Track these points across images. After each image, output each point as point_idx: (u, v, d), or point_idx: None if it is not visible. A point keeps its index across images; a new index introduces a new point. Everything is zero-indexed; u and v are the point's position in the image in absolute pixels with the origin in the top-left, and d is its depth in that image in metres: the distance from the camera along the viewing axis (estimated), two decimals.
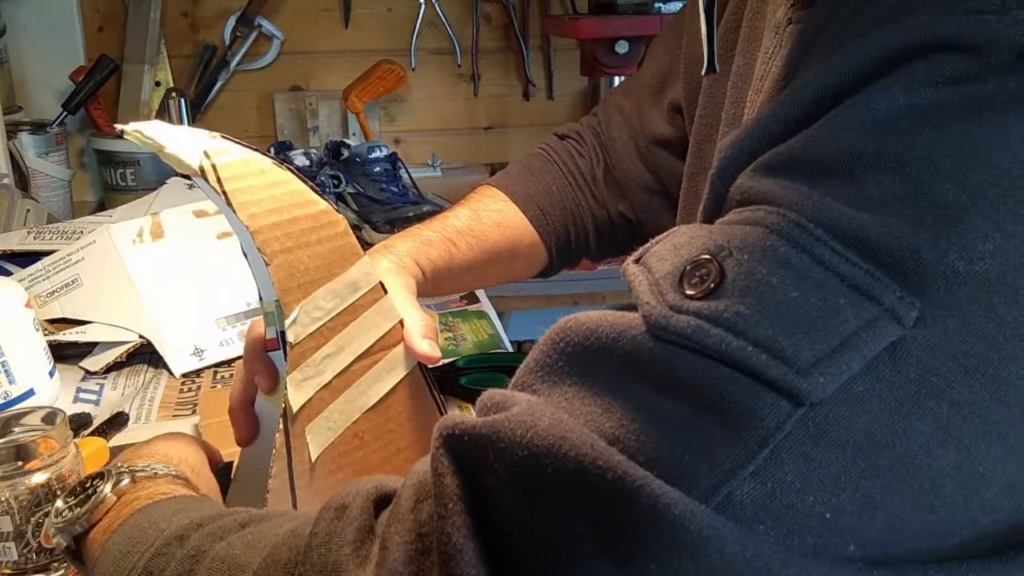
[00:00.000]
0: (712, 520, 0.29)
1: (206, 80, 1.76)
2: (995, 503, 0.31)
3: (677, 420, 0.31)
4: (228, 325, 1.04)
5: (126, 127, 0.54)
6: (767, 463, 0.30)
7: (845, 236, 0.31)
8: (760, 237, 0.33)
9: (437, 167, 1.86)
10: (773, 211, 0.33)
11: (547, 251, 0.88)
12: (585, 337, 0.35)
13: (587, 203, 0.89)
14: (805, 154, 0.35)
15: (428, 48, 1.83)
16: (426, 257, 0.76)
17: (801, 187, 0.33)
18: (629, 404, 0.32)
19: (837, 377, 0.30)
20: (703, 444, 0.31)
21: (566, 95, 1.90)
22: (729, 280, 0.33)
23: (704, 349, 0.31)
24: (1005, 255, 0.30)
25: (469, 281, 0.84)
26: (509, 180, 0.88)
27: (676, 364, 0.32)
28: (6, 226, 1.28)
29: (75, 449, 0.67)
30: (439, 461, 0.34)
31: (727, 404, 0.31)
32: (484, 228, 0.82)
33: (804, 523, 0.30)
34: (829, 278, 0.31)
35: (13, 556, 0.64)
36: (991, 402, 0.30)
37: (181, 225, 1.09)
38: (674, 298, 0.33)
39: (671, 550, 0.29)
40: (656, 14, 1.58)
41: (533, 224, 0.86)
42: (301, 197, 0.58)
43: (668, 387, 0.32)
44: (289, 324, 0.55)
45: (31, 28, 1.66)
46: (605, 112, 0.91)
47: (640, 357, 0.33)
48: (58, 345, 0.97)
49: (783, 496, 0.30)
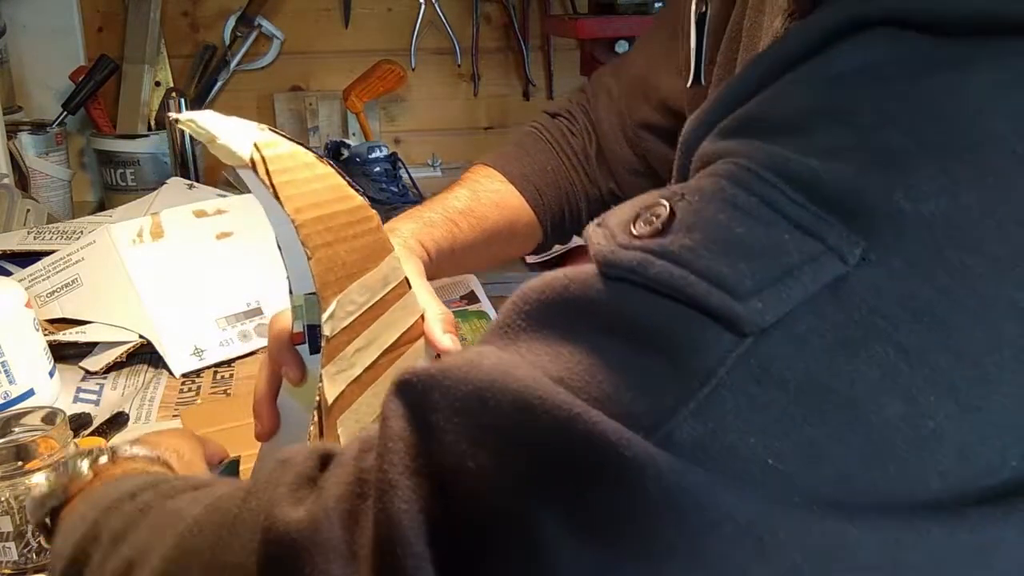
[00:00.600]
0: (649, 449, 0.29)
1: (206, 80, 1.76)
2: (946, 465, 0.30)
3: (621, 360, 0.31)
4: (228, 325, 1.04)
5: (180, 116, 0.54)
6: (708, 401, 0.29)
7: (793, 179, 0.31)
8: (711, 182, 0.33)
9: (437, 167, 1.86)
10: (727, 161, 0.34)
11: (542, 229, 0.88)
12: (541, 292, 0.35)
13: (580, 182, 0.89)
14: (760, 114, 0.35)
15: (428, 48, 1.83)
16: (430, 238, 0.77)
17: (755, 142, 0.34)
18: (577, 348, 0.32)
19: (777, 306, 0.30)
20: (645, 383, 0.30)
21: (566, 95, 1.90)
22: (678, 219, 0.33)
23: (648, 282, 0.31)
24: (953, 199, 0.30)
25: (470, 261, 0.85)
26: (505, 160, 0.89)
27: (622, 302, 0.32)
28: (6, 226, 1.28)
29: (75, 449, 0.67)
30: (387, 406, 0.34)
31: (670, 340, 0.30)
32: (484, 208, 0.83)
33: (745, 467, 0.29)
34: (775, 218, 0.31)
35: (13, 556, 0.64)
36: (940, 351, 0.30)
37: (181, 225, 1.09)
38: (623, 238, 0.33)
39: (608, 478, 0.29)
40: (656, 14, 1.58)
41: (529, 203, 0.87)
42: (341, 192, 0.59)
43: (614, 328, 0.32)
44: (326, 318, 0.56)
45: (31, 28, 1.66)
46: (594, 92, 0.91)
47: (588, 299, 0.33)
48: (58, 345, 0.97)
49: (723, 436, 0.29)
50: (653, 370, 0.30)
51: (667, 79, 0.81)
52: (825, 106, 0.33)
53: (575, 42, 1.79)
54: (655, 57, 0.85)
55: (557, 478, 0.30)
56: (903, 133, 0.31)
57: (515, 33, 1.84)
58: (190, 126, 0.55)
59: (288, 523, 0.34)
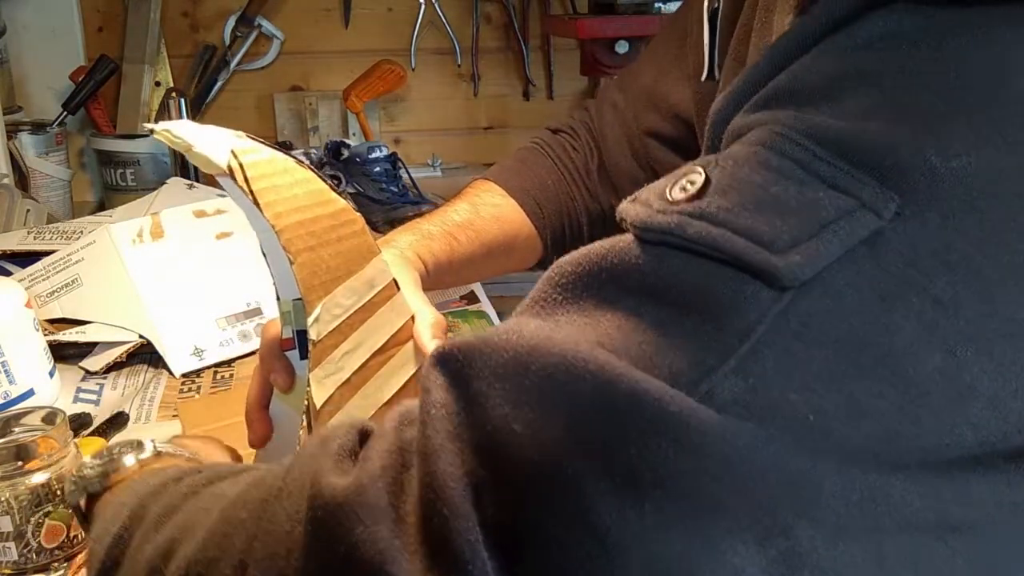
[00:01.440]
0: (693, 405, 0.29)
1: (206, 80, 1.76)
2: (981, 418, 0.30)
3: (660, 321, 0.31)
4: (228, 325, 1.04)
5: (155, 127, 0.55)
6: (748, 358, 0.30)
7: (825, 141, 0.32)
8: (745, 149, 0.34)
9: (437, 167, 1.86)
10: (760, 129, 0.34)
11: (543, 244, 0.88)
12: (577, 264, 0.35)
13: (581, 196, 0.89)
14: (789, 85, 0.35)
15: (428, 48, 1.83)
16: (428, 250, 0.77)
17: (785, 110, 0.34)
18: (615, 313, 0.32)
19: (814, 260, 0.30)
20: (685, 342, 0.31)
21: (566, 95, 1.90)
22: (713, 184, 0.33)
23: (686, 242, 0.32)
24: (982, 155, 0.30)
25: (468, 274, 0.85)
26: (505, 174, 0.89)
27: (660, 265, 0.32)
28: (6, 226, 1.28)
29: (75, 449, 0.68)
30: (427, 378, 0.34)
31: (708, 299, 0.31)
32: (483, 222, 0.83)
33: (787, 423, 0.29)
34: (809, 178, 0.32)
35: (13, 556, 0.64)
36: (975, 303, 0.30)
37: (181, 225, 1.09)
38: (659, 204, 0.34)
39: (652, 434, 0.29)
40: (656, 14, 1.58)
41: (530, 218, 0.87)
42: (322, 196, 0.58)
43: (652, 290, 0.32)
44: (312, 322, 0.56)
45: (31, 28, 1.66)
46: (598, 108, 0.92)
47: (625, 265, 0.33)
48: (58, 345, 0.97)
49: (765, 393, 0.30)
50: (693, 330, 0.31)
51: (676, 87, 0.82)
52: (853, 72, 0.34)
53: (575, 42, 1.79)
54: (664, 65, 0.85)
55: (601, 437, 0.30)
56: (932, 93, 0.32)
57: (515, 33, 1.84)
58: (166, 136, 0.55)
59: (335, 488, 0.35)
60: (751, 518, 0.29)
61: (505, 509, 0.31)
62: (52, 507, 0.65)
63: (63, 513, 0.65)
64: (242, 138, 0.57)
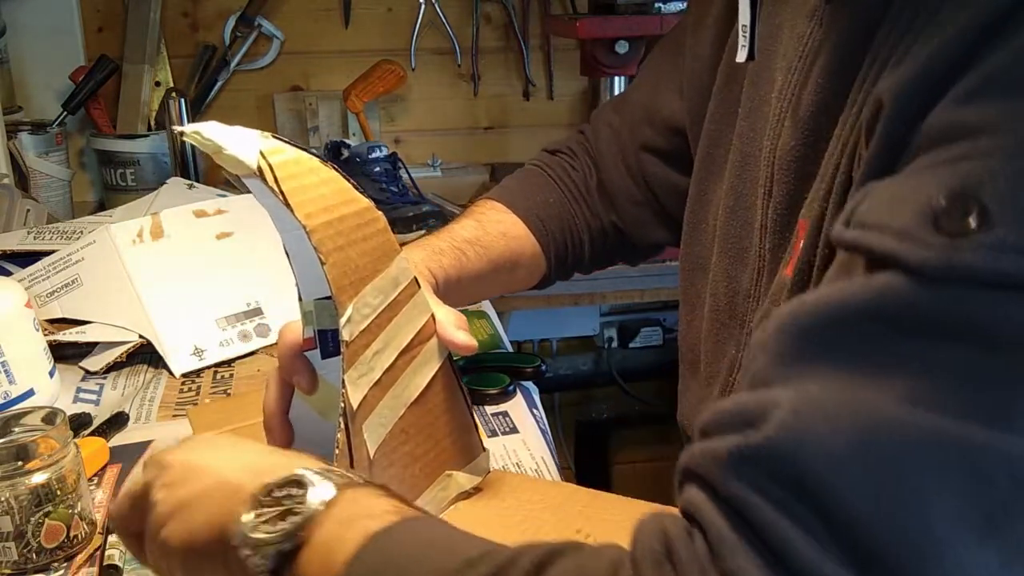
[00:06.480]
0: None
1: (206, 80, 1.76)
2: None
3: (974, 367, 0.31)
4: (228, 325, 1.04)
5: (185, 128, 0.55)
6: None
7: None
8: (1000, 164, 0.33)
9: (437, 167, 1.86)
10: (992, 137, 0.34)
11: (547, 262, 0.89)
12: (815, 316, 0.35)
13: (582, 213, 0.90)
14: (1002, 77, 0.35)
15: (428, 48, 1.83)
16: (439, 266, 0.77)
17: (1012, 106, 0.34)
18: (908, 365, 0.32)
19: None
20: (1012, 383, 0.30)
21: (566, 95, 1.90)
22: (995, 212, 0.32)
23: (997, 277, 0.31)
24: None
25: (476, 291, 0.85)
26: (508, 193, 0.90)
27: (962, 305, 0.32)
28: (6, 226, 1.28)
29: (75, 449, 0.68)
30: (732, 491, 0.33)
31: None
32: (490, 238, 0.84)
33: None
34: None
35: (13, 556, 0.64)
36: None
37: (181, 225, 1.09)
38: (941, 241, 0.33)
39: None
40: (656, 14, 1.57)
41: (535, 235, 0.87)
42: (348, 195, 0.59)
43: (954, 334, 0.31)
44: (344, 322, 0.56)
45: (31, 28, 1.66)
46: (594, 129, 0.93)
47: (912, 310, 0.32)
48: (58, 345, 0.97)
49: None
50: (1015, 370, 0.30)
51: (670, 99, 0.83)
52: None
53: (575, 42, 1.79)
54: (658, 80, 0.86)
55: (984, 506, 0.31)
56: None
57: (515, 33, 1.84)
58: (196, 138, 0.55)
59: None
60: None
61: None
62: (52, 507, 0.65)
63: (63, 513, 0.65)
64: (267, 138, 0.57)
